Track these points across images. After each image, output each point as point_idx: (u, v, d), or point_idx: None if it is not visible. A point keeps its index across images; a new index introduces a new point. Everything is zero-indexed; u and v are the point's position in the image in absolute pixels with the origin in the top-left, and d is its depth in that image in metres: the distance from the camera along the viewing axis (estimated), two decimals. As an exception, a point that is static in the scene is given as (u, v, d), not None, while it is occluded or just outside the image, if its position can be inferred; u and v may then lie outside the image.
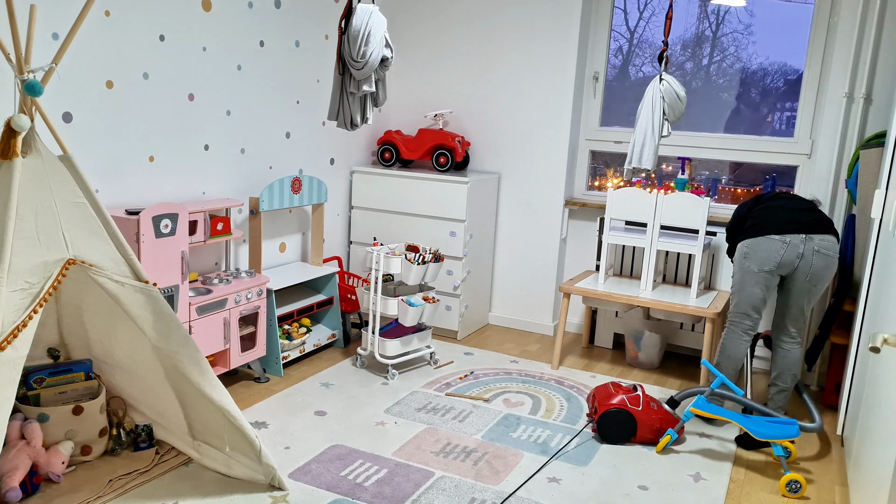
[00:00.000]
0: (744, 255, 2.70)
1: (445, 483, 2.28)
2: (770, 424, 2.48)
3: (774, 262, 2.64)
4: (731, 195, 3.64)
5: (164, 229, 2.50)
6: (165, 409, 2.33)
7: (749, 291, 2.71)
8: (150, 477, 2.21)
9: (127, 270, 2.00)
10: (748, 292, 2.71)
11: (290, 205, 3.26)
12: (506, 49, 3.79)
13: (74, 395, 2.29)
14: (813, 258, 2.61)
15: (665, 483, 2.37)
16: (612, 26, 3.73)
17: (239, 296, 2.86)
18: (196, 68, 2.88)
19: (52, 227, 1.85)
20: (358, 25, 2.47)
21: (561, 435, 2.69)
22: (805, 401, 2.81)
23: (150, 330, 2.05)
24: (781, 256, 2.62)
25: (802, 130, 3.37)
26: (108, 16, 2.50)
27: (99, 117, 2.54)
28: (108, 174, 2.61)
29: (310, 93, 3.53)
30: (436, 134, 3.78)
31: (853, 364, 2.62)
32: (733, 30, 3.53)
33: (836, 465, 2.58)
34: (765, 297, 2.71)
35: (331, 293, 3.47)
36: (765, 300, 2.72)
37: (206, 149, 3.01)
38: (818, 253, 2.62)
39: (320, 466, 2.34)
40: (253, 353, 2.99)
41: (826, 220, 2.70)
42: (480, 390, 3.09)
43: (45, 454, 2.13)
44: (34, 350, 2.15)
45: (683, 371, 3.49)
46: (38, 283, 1.80)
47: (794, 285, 2.69)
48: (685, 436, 2.73)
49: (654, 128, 2.79)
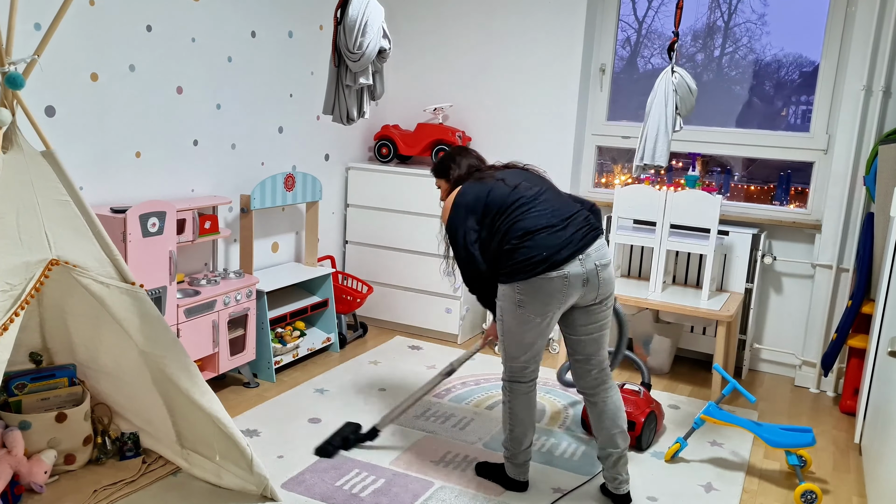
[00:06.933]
0: (517, 303, 2.06)
1: (445, 493, 2.24)
2: (784, 433, 2.45)
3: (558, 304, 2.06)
4: (744, 192, 3.59)
5: (151, 228, 2.48)
6: (153, 417, 2.31)
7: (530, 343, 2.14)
8: (137, 487, 2.19)
9: (112, 271, 1.97)
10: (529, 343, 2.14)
11: (282, 203, 3.22)
12: (508, 40, 3.74)
13: (57, 401, 2.28)
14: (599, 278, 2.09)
15: (675, 493, 2.33)
16: (619, 16, 3.69)
17: (228, 297, 2.84)
18: (184, 60, 2.85)
19: (34, 225, 1.82)
20: (354, 15, 2.41)
21: (566, 444, 2.63)
22: (634, 360, 2.82)
23: (137, 333, 2.02)
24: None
25: (818, 125, 3.32)
26: (92, 5, 2.47)
27: (83, 111, 2.51)
28: (93, 170, 2.58)
29: (304, 85, 3.49)
30: (435, 129, 3.74)
31: (872, 369, 2.59)
32: (746, 19, 3.50)
33: (853, 476, 2.54)
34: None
35: (325, 295, 3.43)
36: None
37: (195, 144, 2.97)
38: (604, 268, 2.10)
39: (314, 476, 2.31)
40: (242, 357, 2.97)
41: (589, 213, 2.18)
42: (483, 397, 3.02)
43: (27, 463, 2.10)
44: (15, 355, 2.13)
45: (694, 376, 3.43)
46: (20, 285, 1.77)
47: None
48: (695, 443, 2.66)
49: (667, 123, 2.71)
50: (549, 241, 2.03)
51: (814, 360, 3.32)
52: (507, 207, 2.10)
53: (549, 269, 2.00)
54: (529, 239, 2.03)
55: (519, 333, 2.11)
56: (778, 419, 2.95)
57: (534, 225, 2.05)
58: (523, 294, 2.04)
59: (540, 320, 2.07)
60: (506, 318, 2.11)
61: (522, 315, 2.06)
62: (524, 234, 2.04)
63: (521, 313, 2.06)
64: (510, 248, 2.05)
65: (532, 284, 2.02)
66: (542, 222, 2.06)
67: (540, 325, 2.08)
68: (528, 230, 2.05)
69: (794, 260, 3.37)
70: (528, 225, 2.05)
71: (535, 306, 2.04)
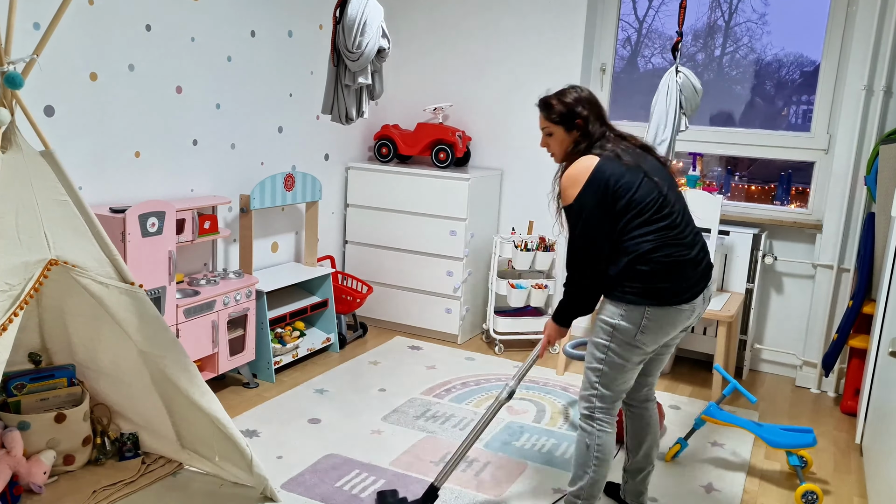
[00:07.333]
0: (640, 329, 1.83)
1: (446, 494, 2.23)
2: (785, 433, 2.44)
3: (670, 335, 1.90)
4: (745, 192, 3.58)
5: (150, 228, 2.47)
6: (152, 417, 2.31)
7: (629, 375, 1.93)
8: (136, 488, 2.18)
9: (112, 271, 1.96)
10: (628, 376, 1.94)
11: (282, 202, 3.21)
12: (509, 39, 3.73)
13: (57, 401, 2.26)
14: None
15: (676, 494, 2.32)
16: (619, 16, 3.68)
17: (227, 298, 2.83)
18: (184, 59, 2.84)
19: (33, 225, 1.81)
20: (353, 14, 2.40)
21: (566, 444, 2.63)
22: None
23: (136, 333, 2.01)
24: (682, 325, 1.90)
25: (819, 125, 3.31)
26: (91, 4, 2.47)
27: (82, 111, 2.51)
28: (92, 170, 2.57)
29: (303, 85, 3.48)
30: (435, 128, 3.73)
31: (873, 369, 2.57)
32: (747, 19, 3.49)
33: (854, 476, 2.53)
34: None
35: (325, 295, 3.43)
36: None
37: (195, 144, 2.96)
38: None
39: (314, 477, 2.30)
40: (242, 357, 2.96)
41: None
42: (483, 397, 3.01)
43: (26, 464, 2.09)
44: (14, 355, 2.13)
45: (694, 377, 3.42)
46: (19, 285, 1.76)
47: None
48: (695, 444, 2.65)
49: (670, 122, 2.71)
50: (692, 273, 1.82)
51: (815, 361, 3.31)
52: (655, 220, 1.79)
53: (685, 301, 1.81)
54: (676, 269, 1.79)
55: (625, 361, 1.85)
56: (779, 420, 2.95)
57: (680, 255, 1.80)
58: (652, 321, 1.80)
59: (651, 350, 1.86)
60: (615, 343, 1.83)
61: (640, 341, 1.82)
62: (671, 262, 1.78)
63: (639, 339, 1.81)
64: (649, 271, 1.78)
65: (665, 313, 1.80)
66: (686, 253, 1.81)
67: (649, 354, 1.88)
68: (674, 258, 1.79)
69: (795, 260, 3.36)
70: (674, 252, 1.79)
71: (655, 335, 1.82)
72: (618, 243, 1.81)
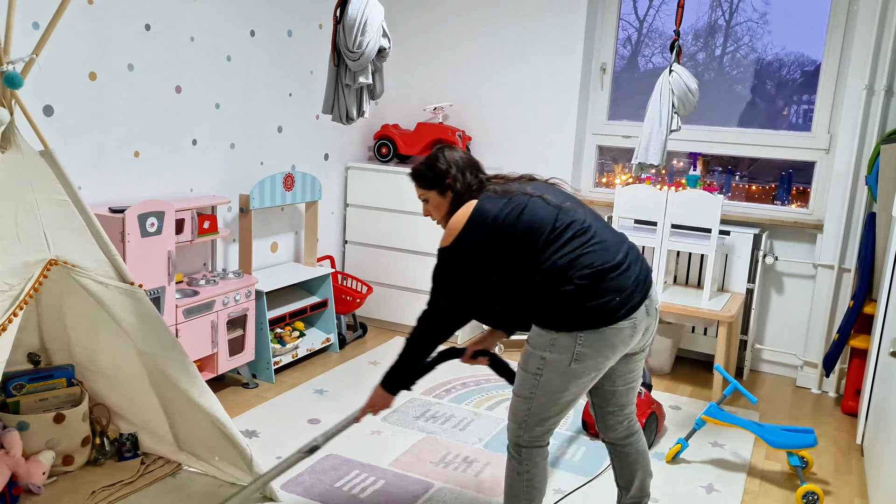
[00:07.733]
0: (574, 357, 1.69)
1: (445, 494, 2.23)
2: (786, 434, 2.44)
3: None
4: (746, 192, 3.57)
5: (149, 228, 2.47)
6: (151, 417, 2.30)
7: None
8: (135, 488, 2.17)
9: (111, 271, 1.96)
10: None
11: (281, 202, 3.21)
12: (509, 39, 3.72)
13: (56, 402, 2.25)
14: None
15: (676, 494, 2.32)
16: (620, 15, 3.67)
17: (227, 298, 2.83)
18: (183, 59, 2.84)
19: (32, 225, 1.81)
20: (354, 14, 2.40)
21: (567, 444, 2.62)
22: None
23: (136, 334, 2.01)
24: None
25: (820, 124, 3.31)
26: (91, 4, 2.46)
27: (81, 111, 2.50)
28: (92, 170, 2.57)
29: (303, 85, 3.47)
30: (435, 128, 3.73)
31: (874, 370, 2.56)
32: (748, 18, 3.49)
33: (855, 477, 2.53)
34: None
35: (325, 295, 3.42)
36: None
37: (194, 143, 2.96)
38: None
39: (314, 477, 2.30)
40: (241, 357, 2.96)
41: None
42: (483, 397, 3.01)
43: (25, 464, 2.09)
44: (13, 355, 2.10)
45: (695, 377, 3.42)
46: (18, 285, 1.76)
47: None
48: (696, 444, 2.64)
49: (662, 121, 2.71)
50: (621, 282, 1.66)
51: (815, 361, 3.31)
52: (558, 234, 1.68)
53: (622, 317, 1.65)
54: (602, 280, 1.64)
55: (560, 392, 1.70)
56: (779, 420, 2.94)
57: (602, 261, 1.65)
58: (587, 346, 1.65)
59: (594, 376, 1.71)
60: (547, 374, 1.68)
61: (576, 370, 1.67)
62: (593, 273, 1.64)
63: (574, 369, 1.67)
64: (574, 291, 1.64)
65: (601, 336, 1.65)
66: (609, 258, 1.67)
67: (591, 381, 1.72)
68: (596, 268, 1.64)
69: (796, 260, 3.36)
70: (595, 260, 1.65)
71: (595, 361, 1.67)
72: (534, 272, 1.69)
